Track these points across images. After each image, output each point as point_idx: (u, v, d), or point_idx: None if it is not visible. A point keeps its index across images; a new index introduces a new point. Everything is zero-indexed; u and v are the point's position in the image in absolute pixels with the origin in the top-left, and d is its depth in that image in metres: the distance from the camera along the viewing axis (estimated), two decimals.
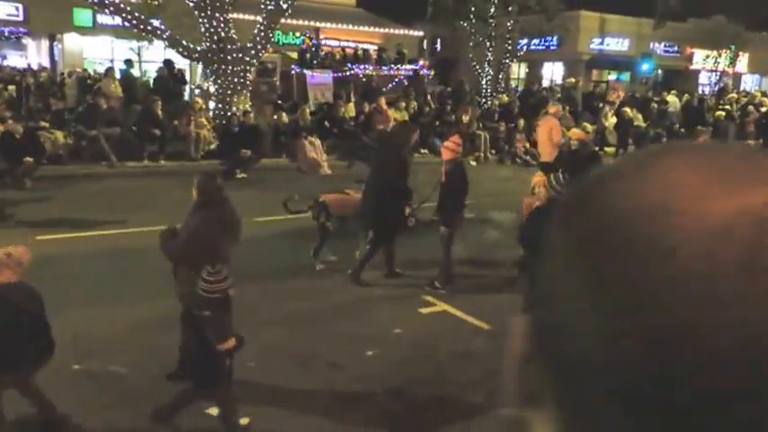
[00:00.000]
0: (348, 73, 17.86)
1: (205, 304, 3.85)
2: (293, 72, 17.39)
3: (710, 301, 0.35)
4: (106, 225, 8.61)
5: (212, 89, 15.51)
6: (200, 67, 16.81)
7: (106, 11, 14.38)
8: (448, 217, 6.69)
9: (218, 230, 4.50)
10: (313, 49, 18.46)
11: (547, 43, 26.57)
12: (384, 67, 18.83)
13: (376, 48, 20.88)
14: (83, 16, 20.32)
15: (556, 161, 9.10)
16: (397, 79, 18.56)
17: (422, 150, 15.56)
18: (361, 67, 18.31)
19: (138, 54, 18.26)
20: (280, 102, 15.88)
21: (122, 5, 13.96)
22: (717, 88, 27.54)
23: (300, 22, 20.62)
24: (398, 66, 19.17)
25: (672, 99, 21.45)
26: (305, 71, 17.23)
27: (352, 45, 21.45)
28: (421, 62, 20.21)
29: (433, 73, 23.43)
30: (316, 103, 16.48)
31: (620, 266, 0.38)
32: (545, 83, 27.38)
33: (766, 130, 18.19)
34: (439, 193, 6.83)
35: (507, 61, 22.98)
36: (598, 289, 0.39)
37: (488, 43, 21.87)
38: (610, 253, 0.39)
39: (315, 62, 17.92)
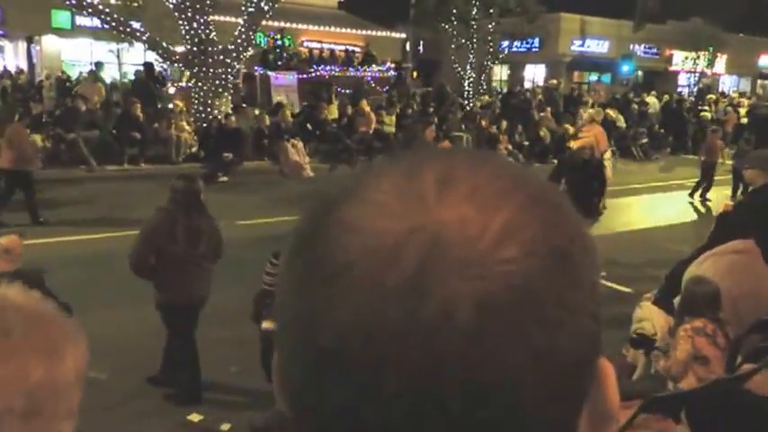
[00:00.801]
0: (313, 74, 17.53)
1: (271, 299, 3.67)
2: (256, 74, 17.04)
3: (375, 324, 0.34)
4: (86, 230, 8.49)
5: (171, 90, 15.37)
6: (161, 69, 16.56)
7: (84, 12, 14.21)
8: None
9: (170, 232, 4.31)
10: (277, 50, 18.12)
11: (528, 45, 26.74)
12: (351, 69, 18.63)
13: (343, 49, 20.75)
14: (61, 18, 20.04)
15: (559, 169, 8.75)
16: (363, 80, 18.33)
17: None
18: (327, 68, 18.01)
19: (118, 56, 18.06)
20: (244, 105, 15.47)
21: (101, 7, 13.80)
22: (696, 89, 27.92)
23: (282, 24, 20.52)
24: (365, 67, 18.99)
25: (651, 100, 21.70)
26: (268, 73, 16.86)
27: (333, 47, 21.39)
28: (388, 64, 20.11)
29: (417, 74, 23.41)
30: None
31: (301, 284, 0.38)
32: (527, 84, 27.56)
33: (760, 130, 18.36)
34: None
35: (489, 63, 23.10)
36: (283, 308, 0.39)
37: (470, 45, 21.96)
38: (300, 271, 0.38)
39: (279, 63, 17.64)
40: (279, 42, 18.57)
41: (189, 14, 13.79)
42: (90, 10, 13.69)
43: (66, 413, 0.99)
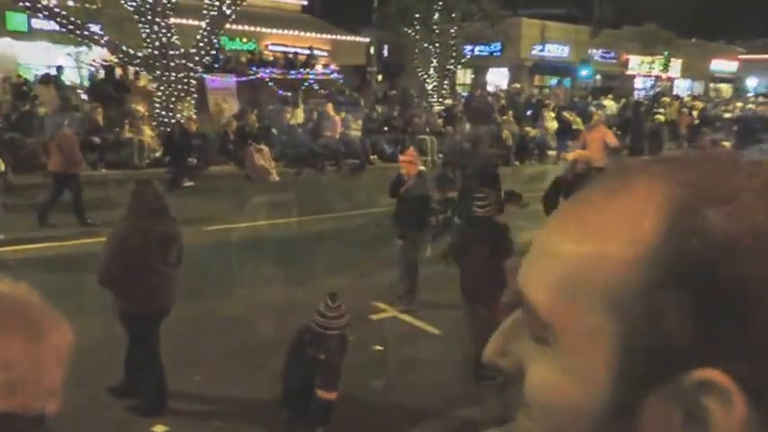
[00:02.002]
0: (253, 77, 17.09)
1: (318, 343, 3.56)
2: None
3: None
4: (44, 237, 8.31)
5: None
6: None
7: (40, 15, 13.88)
8: (411, 231, 6.61)
9: (143, 241, 4.27)
10: (213, 51, 17.86)
11: (491, 50, 27.11)
12: (292, 72, 18.49)
13: (284, 51, 20.56)
14: (17, 20, 19.48)
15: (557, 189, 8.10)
16: (306, 83, 18.13)
17: (371, 156, 15.64)
18: (267, 70, 17.67)
19: (76, 60, 17.64)
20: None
21: (57, 9, 13.50)
22: (653, 93, 28.72)
23: (245, 27, 20.39)
24: (308, 70, 18.86)
25: (609, 103, 22.26)
26: (204, 75, 16.01)
27: (299, 51, 21.32)
28: (332, 66, 20.06)
29: (382, 78, 23.33)
30: (216, 110, 15.48)
31: None
32: (491, 88, 27.93)
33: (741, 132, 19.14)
34: (398, 207, 6.77)
35: (452, 67, 23.32)
36: None
37: (433, 49, 22.15)
38: None
39: (216, 66, 17.08)
40: (216, 44, 18.14)
41: (149, 18, 13.60)
42: (45, 12, 13.38)
43: (48, 391, 1.06)
